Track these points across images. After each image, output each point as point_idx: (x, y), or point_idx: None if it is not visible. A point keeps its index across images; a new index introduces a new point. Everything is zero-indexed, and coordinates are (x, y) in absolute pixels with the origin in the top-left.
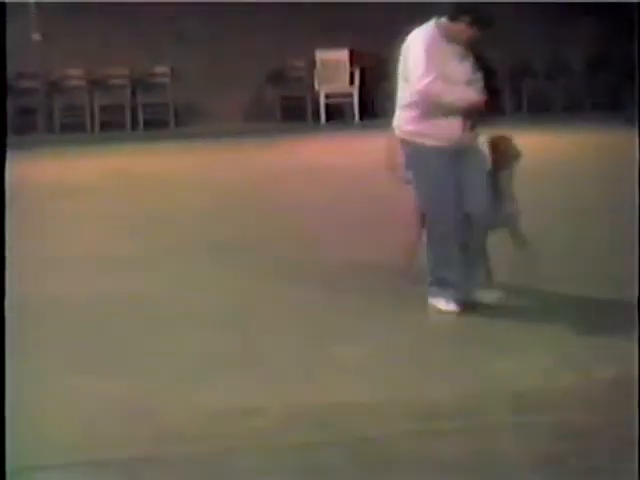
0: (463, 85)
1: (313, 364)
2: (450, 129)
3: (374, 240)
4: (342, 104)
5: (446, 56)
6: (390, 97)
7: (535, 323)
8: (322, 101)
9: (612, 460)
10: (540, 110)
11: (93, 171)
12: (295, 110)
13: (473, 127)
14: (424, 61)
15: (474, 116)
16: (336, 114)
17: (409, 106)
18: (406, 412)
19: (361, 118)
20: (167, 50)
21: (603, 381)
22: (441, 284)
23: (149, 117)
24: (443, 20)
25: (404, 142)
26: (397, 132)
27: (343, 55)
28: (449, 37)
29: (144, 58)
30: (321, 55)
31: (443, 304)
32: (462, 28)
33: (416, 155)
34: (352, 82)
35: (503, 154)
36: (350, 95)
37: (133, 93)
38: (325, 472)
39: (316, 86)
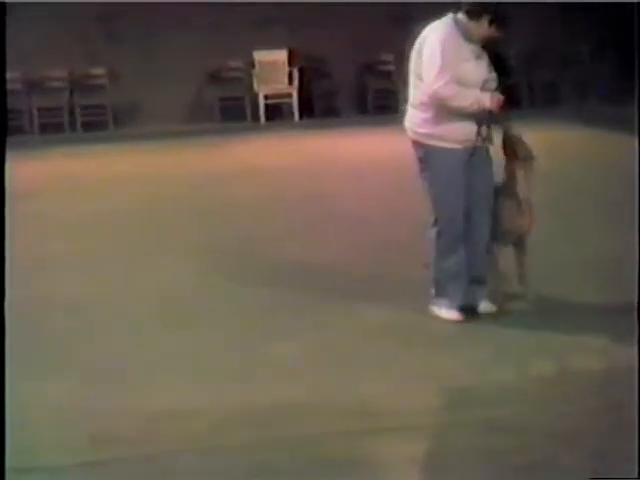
0: (477, 88)
1: (252, 364)
2: (464, 132)
3: (318, 239)
4: (281, 104)
5: (462, 55)
6: (328, 96)
7: (473, 320)
8: (261, 101)
9: (549, 455)
10: None
11: (36, 174)
12: (234, 111)
13: (488, 128)
14: (439, 61)
15: (489, 118)
16: (276, 114)
17: (422, 106)
18: (344, 411)
19: (300, 118)
20: (105, 51)
21: (540, 377)
22: (444, 293)
23: (88, 119)
24: (460, 16)
25: (417, 144)
26: (410, 133)
27: (281, 55)
28: (466, 35)
29: (81, 59)
30: (259, 56)
31: (444, 312)
32: (481, 27)
33: (430, 157)
34: (291, 82)
35: (514, 155)
36: (289, 95)
37: (71, 95)
38: (264, 472)
39: (255, 87)
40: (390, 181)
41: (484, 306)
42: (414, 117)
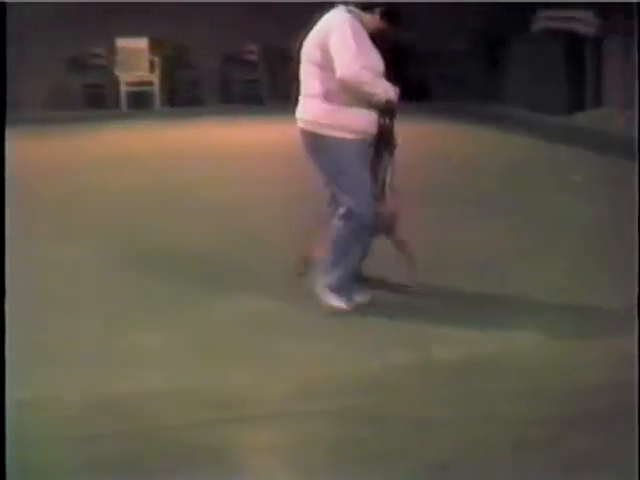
0: (384, 78)
1: (114, 353)
2: (367, 122)
3: (184, 228)
4: (143, 92)
5: (367, 45)
6: (190, 85)
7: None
8: (123, 89)
9: (407, 443)
10: None
11: None
12: (97, 98)
13: (390, 120)
14: (353, 45)
15: (388, 110)
16: (138, 102)
17: (326, 95)
18: (205, 400)
19: (163, 106)
20: None
21: (398, 366)
22: (342, 284)
23: None
24: (352, 7)
25: (314, 135)
26: (304, 125)
27: (143, 43)
28: (364, 26)
29: None
30: (121, 43)
31: (343, 302)
32: (374, 19)
33: (333, 148)
34: (153, 70)
35: (387, 142)
36: (151, 83)
37: None
38: (127, 462)
39: (117, 74)
40: (256, 169)
41: (360, 296)
42: (313, 108)
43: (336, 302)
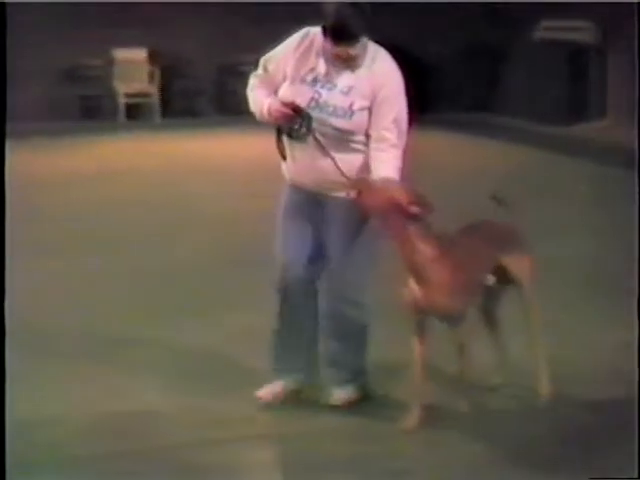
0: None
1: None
2: (296, 166)
3: (183, 242)
4: (142, 103)
5: (291, 72)
6: (190, 96)
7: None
8: (121, 100)
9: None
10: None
11: None
12: (94, 109)
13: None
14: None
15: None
16: (136, 113)
17: None
18: None
19: (162, 117)
20: None
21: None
22: (282, 368)
23: None
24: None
25: None
26: None
27: (142, 54)
28: (322, 50)
29: None
30: (119, 54)
31: (270, 388)
32: (326, 40)
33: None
34: (152, 81)
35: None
36: (150, 94)
37: None
38: None
39: (115, 85)
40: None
41: (339, 394)
42: None
43: (263, 391)
